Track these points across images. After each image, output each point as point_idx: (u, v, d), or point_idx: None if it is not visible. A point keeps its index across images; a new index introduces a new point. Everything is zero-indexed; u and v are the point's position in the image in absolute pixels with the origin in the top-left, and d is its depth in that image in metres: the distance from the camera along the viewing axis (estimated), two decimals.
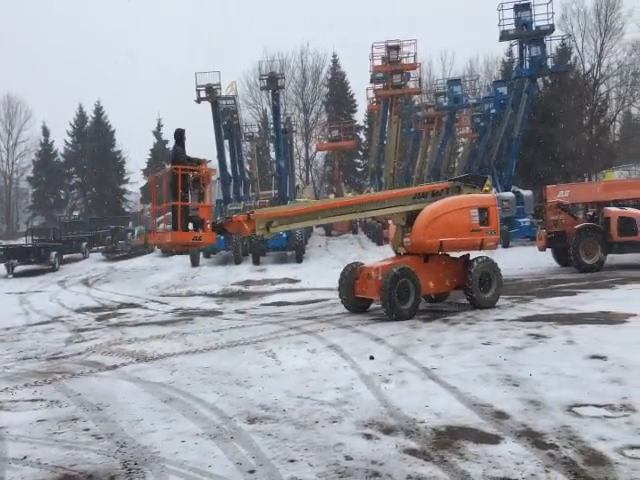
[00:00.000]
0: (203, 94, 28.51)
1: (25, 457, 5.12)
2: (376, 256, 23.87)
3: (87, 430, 5.79)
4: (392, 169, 32.06)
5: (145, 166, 51.96)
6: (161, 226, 12.80)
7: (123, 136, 55.88)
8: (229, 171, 30.48)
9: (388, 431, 5.34)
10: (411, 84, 32.49)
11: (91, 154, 50.48)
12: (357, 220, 31.87)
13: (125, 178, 53.06)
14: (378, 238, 27.59)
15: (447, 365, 7.41)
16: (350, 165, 52.81)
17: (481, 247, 11.90)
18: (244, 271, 21.42)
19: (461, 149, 44.52)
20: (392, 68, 30.13)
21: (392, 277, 10.82)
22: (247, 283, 19.02)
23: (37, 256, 25.16)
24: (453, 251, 12.09)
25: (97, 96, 63.66)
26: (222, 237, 21.99)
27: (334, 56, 54.22)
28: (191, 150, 11.09)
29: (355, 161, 54.09)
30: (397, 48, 30.44)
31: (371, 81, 32.34)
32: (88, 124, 53.04)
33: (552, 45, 28.02)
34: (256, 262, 23.03)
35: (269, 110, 45.05)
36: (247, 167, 39.46)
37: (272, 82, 28.80)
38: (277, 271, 21.03)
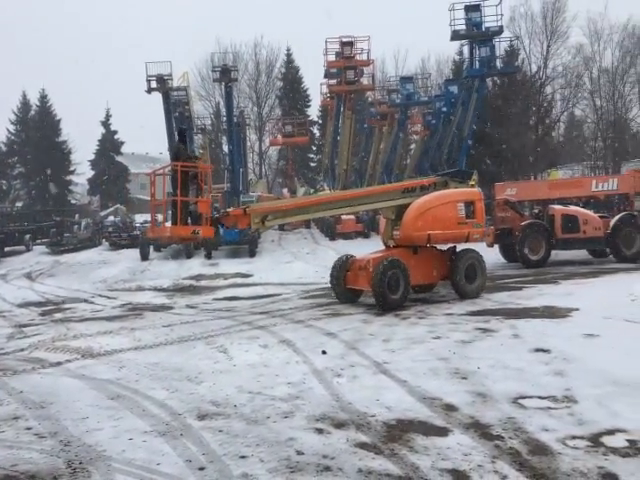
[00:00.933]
0: (154, 84, 27.91)
1: None
2: (328, 252, 23.98)
3: (29, 429, 5.59)
4: (345, 165, 32.23)
5: (92, 157, 50.48)
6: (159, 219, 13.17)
7: (69, 126, 54.18)
8: None
9: (339, 425, 5.37)
10: (364, 80, 32.67)
11: (35, 143, 48.61)
12: None
13: (71, 169, 51.36)
14: (331, 233, 27.70)
15: (398, 359, 7.51)
16: (304, 160, 52.74)
17: (467, 239, 12.27)
18: (196, 265, 21.13)
19: (413, 146, 45.10)
20: (346, 64, 30.27)
21: (382, 268, 11.11)
22: (199, 277, 18.78)
23: None
24: (441, 243, 12.46)
25: (42, 83, 61.43)
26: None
27: (288, 50, 53.97)
28: (140, 141, 11.07)
29: (309, 156, 54.03)
30: (351, 44, 30.61)
31: (325, 76, 32.37)
32: (32, 112, 51.08)
33: (501, 46, 28.57)
34: (208, 256, 22.74)
35: (222, 103, 44.45)
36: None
37: (225, 74, 28.45)
38: (230, 265, 20.82)
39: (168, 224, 11.59)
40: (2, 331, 11.05)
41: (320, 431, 5.24)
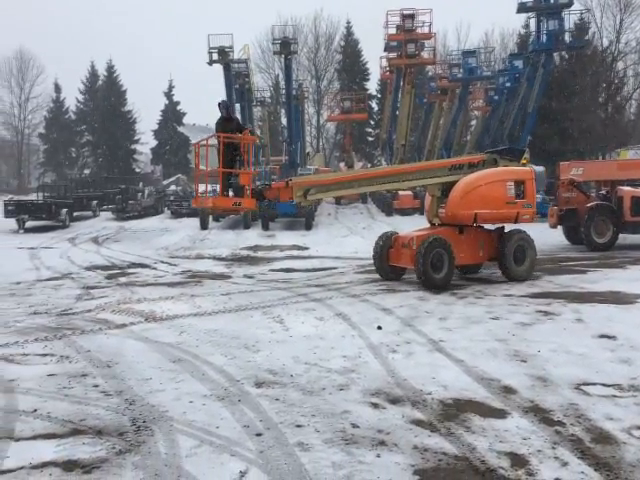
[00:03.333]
0: (215, 56, 28.15)
1: (35, 410, 5.18)
2: (384, 227, 23.82)
3: (96, 386, 5.85)
4: (404, 140, 31.72)
5: (155, 127, 51.68)
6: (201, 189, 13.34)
7: (134, 96, 55.49)
8: None
9: (395, 401, 5.37)
10: (425, 54, 31.93)
11: (102, 113, 50.18)
12: None
13: (136, 138, 52.83)
14: (388, 208, 27.45)
15: (455, 338, 7.42)
16: (361, 134, 52.25)
17: (516, 220, 11.91)
18: (253, 236, 21.45)
19: (474, 122, 43.91)
20: (406, 37, 29.60)
21: (426, 247, 10.96)
22: (256, 248, 19.05)
23: (48, 212, 25.28)
24: (488, 223, 12.18)
25: (109, 54, 62.94)
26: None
27: (348, 23, 53.23)
28: (201, 113, 11.34)
29: (366, 130, 53.49)
30: (412, 17, 29.86)
31: (385, 50, 31.82)
32: (100, 82, 52.62)
33: (570, 19, 27.17)
34: (265, 228, 23.05)
35: (281, 75, 44.44)
36: (258, 132, 39.15)
37: (285, 47, 28.40)
38: (286, 237, 21.04)
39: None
40: (71, 292, 11.58)
41: (375, 406, 5.26)
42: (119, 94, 51.71)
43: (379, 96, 51.97)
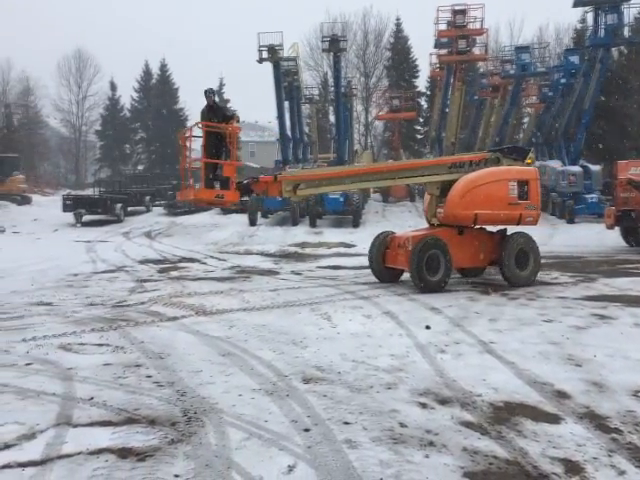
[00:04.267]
0: (265, 54, 28.41)
1: (92, 398, 5.36)
2: None
3: (149, 377, 6.01)
4: (454, 138, 31.24)
5: None
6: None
7: (186, 94, 56.62)
8: (288, 133, 30.47)
9: (443, 402, 5.30)
10: (477, 50, 31.34)
11: (155, 110, 51.44)
12: (416, 187, 31.43)
13: (187, 135, 53.88)
14: None
15: (506, 340, 7.27)
16: (410, 132, 51.68)
17: (519, 222, 11.38)
18: (300, 233, 21.58)
19: (526, 120, 42.79)
20: (457, 33, 29.12)
21: (421, 247, 10.60)
22: (303, 245, 19.17)
23: (103, 207, 26.15)
24: (489, 225, 11.68)
25: (163, 53, 64.48)
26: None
27: (397, 19, 52.66)
28: (250, 110, 11.24)
29: (415, 128, 52.89)
30: (463, 12, 29.34)
31: (435, 46, 31.39)
32: (153, 81, 53.94)
33: (630, 13, 26.04)
34: (313, 225, 23.16)
35: (330, 73, 44.47)
36: (306, 129, 39.33)
37: (334, 44, 28.39)
38: (333, 235, 21.08)
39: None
40: (125, 285, 11.94)
41: (423, 406, 5.21)
42: (171, 92, 52.88)
43: (428, 93, 51.32)
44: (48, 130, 59.58)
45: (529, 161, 12.19)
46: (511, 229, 11.71)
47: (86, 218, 26.13)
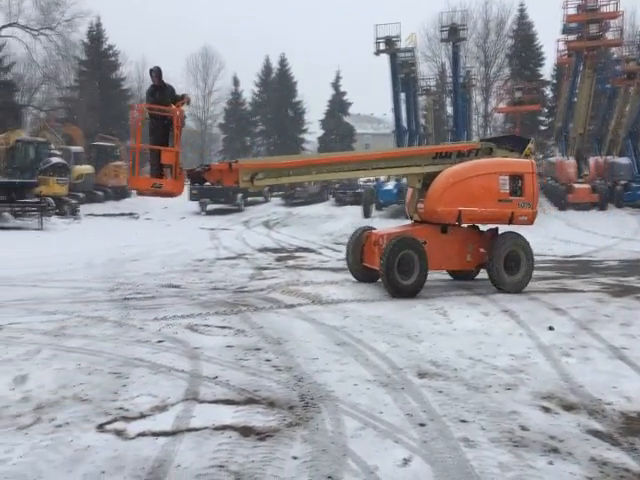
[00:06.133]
0: (382, 46, 28.30)
1: (216, 377, 5.68)
2: (556, 222, 22.31)
3: (268, 361, 6.25)
4: (582, 129, 29.32)
5: (322, 117, 53.43)
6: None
7: (304, 87, 57.89)
8: (404, 124, 30.18)
9: (569, 408, 5.02)
10: (610, 35, 29.05)
11: (275, 104, 53.10)
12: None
13: (304, 128, 55.15)
14: (561, 202, 25.63)
15: None
16: (533, 123, 49.04)
17: (511, 221, 10.29)
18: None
19: None
20: (588, 17, 27.21)
21: (392, 247, 9.52)
22: None
23: (226, 197, 27.59)
24: (474, 223, 10.54)
25: (282, 48, 66.26)
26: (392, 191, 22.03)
27: (521, 5, 50.05)
28: (366, 102, 10.97)
29: (539, 119, 50.14)
30: None
31: (563, 32, 29.55)
32: (273, 75, 55.66)
33: None
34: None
35: (448, 63, 43.27)
36: (422, 121, 38.66)
37: (453, 34, 27.74)
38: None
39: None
40: (245, 271, 12.49)
41: (546, 410, 4.97)
42: (290, 86, 54.28)
43: (554, 82, 48.44)
44: None
45: (527, 152, 10.93)
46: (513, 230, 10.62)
47: (210, 207, 27.69)
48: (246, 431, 4.51)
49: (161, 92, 9.85)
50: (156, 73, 9.92)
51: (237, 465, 3.96)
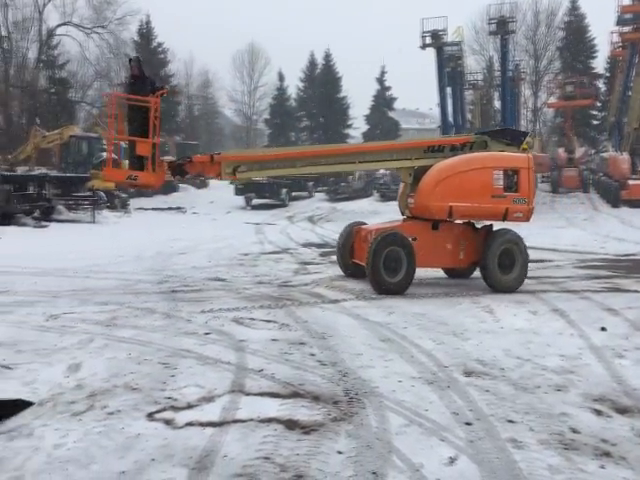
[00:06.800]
0: (428, 40, 27.99)
1: (261, 370, 5.74)
2: (610, 220, 21.60)
3: (313, 355, 6.27)
4: (637, 123, 28.26)
5: (367, 112, 53.22)
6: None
7: (348, 82, 57.73)
8: (450, 119, 29.78)
9: (622, 411, 4.86)
10: None
11: (319, 99, 53.17)
12: (589, 176, 29.03)
13: (349, 123, 55.05)
14: (614, 199, 24.79)
15: None
16: (584, 117, 47.53)
17: (505, 217, 9.90)
18: None
19: None
20: None
21: (378, 243, 9.32)
22: None
23: (270, 192, 27.85)
24: (466, 219, 10.21)
25: (327, 44, 66.18)
26: None
27: None
28: (411, 97, 10.81)
29: (591, 113, 48.55)
30: None
31: (617, 23, 28.56)
32: (318, 71, 55.72)
33: None
34: None
35: (496, 57, 42.38)
36: (469, 116, 38.06)
37: (501, 26, 27.23)
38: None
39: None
40: (289, 266, 12.57)
41: (598, 413, 4.83)
42: (335, 81, 54.26)
43: (607, 75, 46.80)
44: (223, 119, 64.52)
45: (525, 146, 10.46)
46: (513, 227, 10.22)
47: (255, 202, 27.99)
48: (291, 424, 4.54)
49: (140, 83, 9.74)
50: (136, 63, 9.96)
51: (282, 458, 4.00)
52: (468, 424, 4.58)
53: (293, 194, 29.88)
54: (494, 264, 9.77)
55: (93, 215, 21.68)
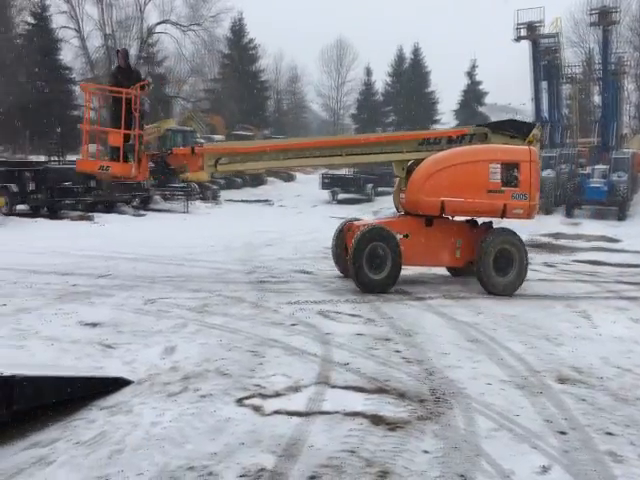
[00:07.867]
0: (523, 32, 26.91)
1: (347, 364, 5.76)
2: None
3: (398, 352, 6.23)
4: None
5: (456, 107, 51.96)
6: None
7: (437, 77, 56.53)
8: (545, 115, 28.49)
9: None
10: None
11: (407, 94, 52.51)
12: None
13: (436, 118, 54.03)
14: None
15: None
16: None
17: (504, 214, 9.19)
18: (555, 223, 20.10)
19: None
20: None
21: (360, 239, 8.88)
22: (557, 236, 17.81)
23: (356, 186, 27.88)
24: (459, 215, 9.54)
25: (416, 38, 65.07)
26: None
27: None
28: (504, 91, 10.40)
29: None
30: None
31: None
32: (406, 65, 55.04)
33: None
34: (569, 214, 21.48)
35: (596, 49, 39.96)
36: (565, 111, 36.19)
37: (603, 17, 25.72)
38: (593, 227, 19.20)
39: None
40: None
41: None
42: (423, 76, 53.46)
43: None
44: (310, 114, 65.16)
45: (531, 139, 9.55)
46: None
47: (341, 196, 28.09)
48: (376, 420, 4.54)
49: (125, 74, 9.78)
50: (122, 54, 10.07)
51: (368, 452, 4.00)
52: (562, 433, 4.38)
53: (379, 189, 29.68)
54: (489, 265, 9.16)
55: (186, 205, 22.59)
